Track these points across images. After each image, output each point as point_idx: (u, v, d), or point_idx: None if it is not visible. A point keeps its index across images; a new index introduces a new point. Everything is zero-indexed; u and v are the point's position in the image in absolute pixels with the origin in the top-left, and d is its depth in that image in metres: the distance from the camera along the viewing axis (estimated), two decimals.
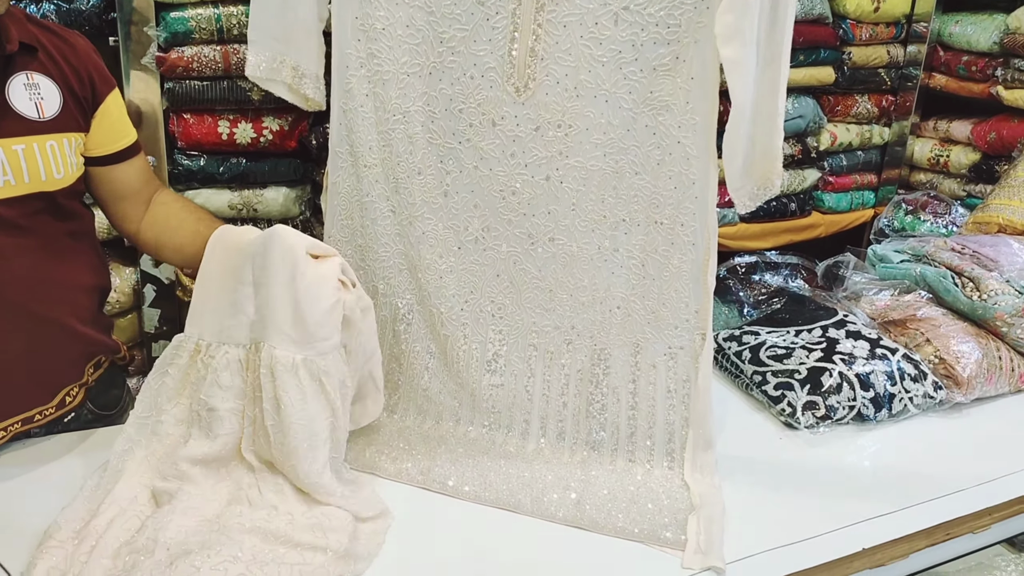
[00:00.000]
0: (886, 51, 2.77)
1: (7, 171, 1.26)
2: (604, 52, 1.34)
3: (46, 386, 1.42)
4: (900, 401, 1.62)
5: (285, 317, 1.27)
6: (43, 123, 1.30)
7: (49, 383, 1.43)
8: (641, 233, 1.43)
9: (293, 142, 2.17)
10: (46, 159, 1.30)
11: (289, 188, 2.22)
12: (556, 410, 1.49)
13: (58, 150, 1.32)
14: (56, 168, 1.32)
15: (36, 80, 1.31)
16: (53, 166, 1.31)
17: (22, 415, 1.39)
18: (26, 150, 1.28)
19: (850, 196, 2.84)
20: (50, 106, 1.32)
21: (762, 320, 1.90)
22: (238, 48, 2.07)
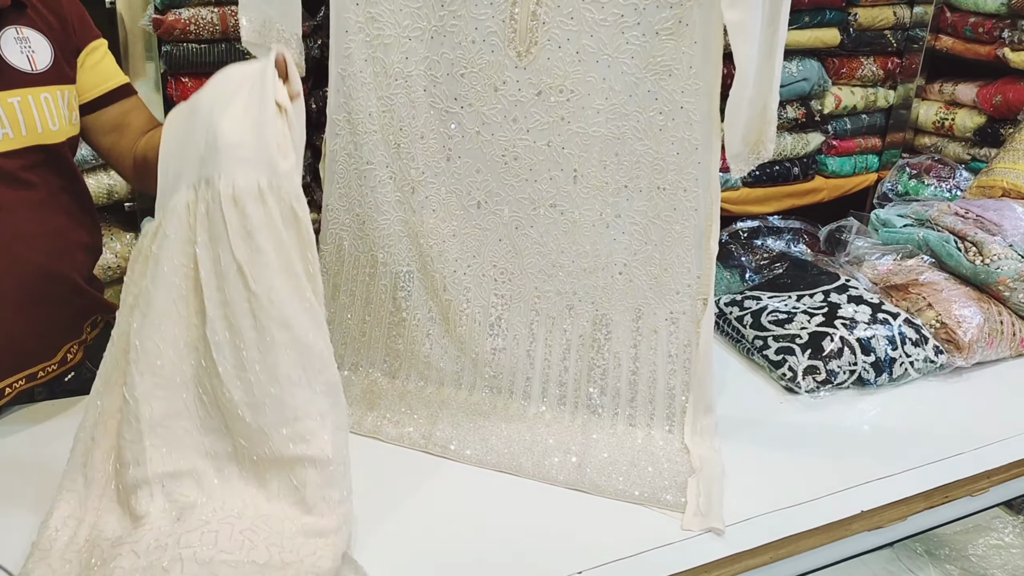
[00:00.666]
0: (892, 12, 2.74)
1: (5, 124, 1.27)
2: (606, 16, 1.33)
3: (49, 341, 1.44)
4: (901, 365, 1.63)
5: (243, 139, 1.10)
6: (36, 75, 1.31)
7: (52, 339, 1.44)
8: (643, 199, 1.43)
9: None
10: (41, 111, 1.31)
11: None
12: (557, 374, 1.49)
13: (52, 102, 1.33)
14: (52, 120, 1.33)
15: (26, 34, 1.32)
16: (49, 119, 1.32)
17: (26, 371, 1.40)
18: (22, 102, 1.29)
19: (854, 160, 2.82)
20: (42, 59, 1.32)
21: (764, 285, 1.90)
22: (235, 10, 2.05)
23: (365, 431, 1.42)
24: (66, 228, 1.41)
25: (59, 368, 1.45)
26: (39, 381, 1.43)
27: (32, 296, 1.36)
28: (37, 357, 1.42)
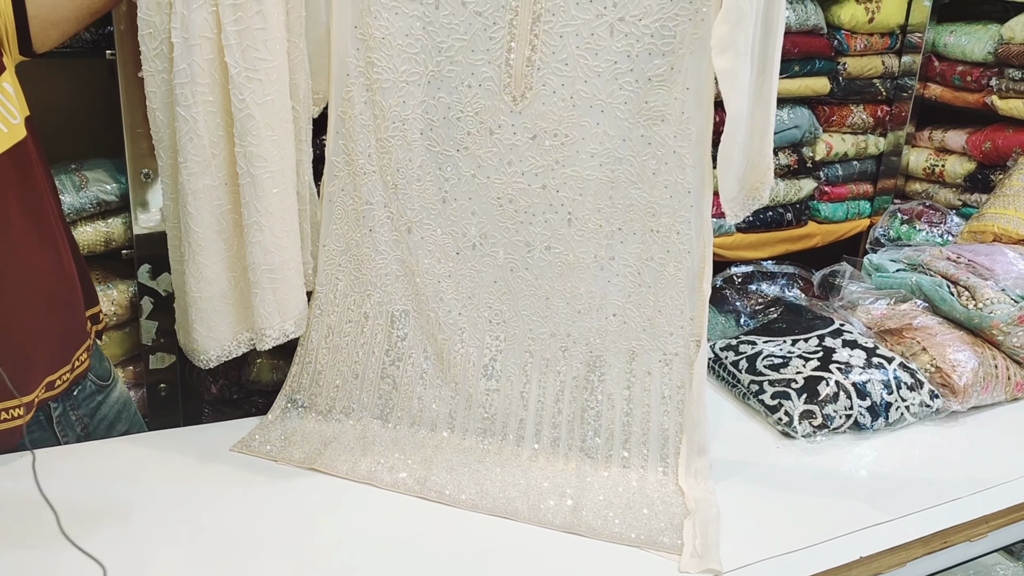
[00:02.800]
0: (881, 62, 2.78)
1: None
2: (600, 63, 1.35)
3: (65, 346, 1.43)
4: (897, 410, 1.63)
5: None
6: None
7: (66, 343, 1.43)
8: (637, 242, 1.44)
9: None
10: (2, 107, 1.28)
11: None
12: (551, 416, 1.49)
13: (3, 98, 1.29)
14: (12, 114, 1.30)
15: None
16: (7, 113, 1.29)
17: (47, 379, 1.38)
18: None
19: (846, 206, 2.85)
20: None
21: (759, 330, 1.91)
22: None
23: (360, 477, 1.41)
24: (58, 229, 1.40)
25: (72, 375, 1.44)
26: (56, 390, 1.41)
27: (50, 299, 1.36)
28: (55, 362, 1.40)
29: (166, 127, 1.38)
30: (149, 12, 1.30)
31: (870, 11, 2.68)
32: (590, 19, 1.33)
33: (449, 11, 1.37)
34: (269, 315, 1.46)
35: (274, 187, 1.39)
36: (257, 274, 1.42)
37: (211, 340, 1.49)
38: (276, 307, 1.46)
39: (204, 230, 1.41)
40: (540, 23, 1.35)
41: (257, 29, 1.30)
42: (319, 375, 1.55)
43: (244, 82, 1.32)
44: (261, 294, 1.44)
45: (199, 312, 1.46)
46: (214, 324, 1.48)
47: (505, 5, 1.35)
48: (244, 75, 1.31)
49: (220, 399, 2.28)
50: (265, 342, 1.48)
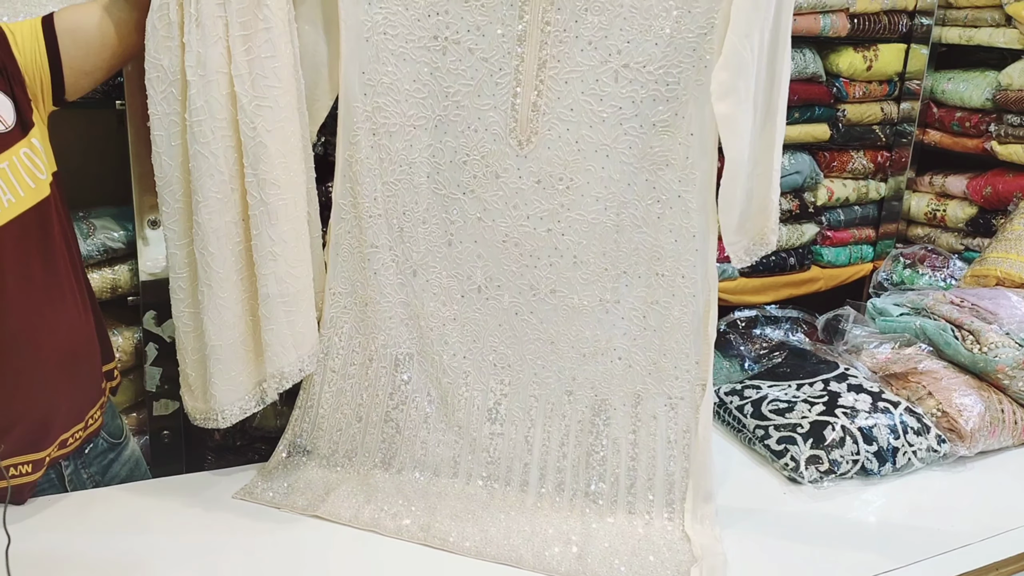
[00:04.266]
0: (880, 108, 2.81)
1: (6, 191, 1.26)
2: (605, 108, 1.37)
3: (79, 404, 1.42)
4: (904, 455, 1.62)
5: None
6: (9, 134, 1.28)
7: (81, 401, 1.42)
8: (642, 285, 1.44)
9: None
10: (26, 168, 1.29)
11: None
12: (556, 460, 1.48)
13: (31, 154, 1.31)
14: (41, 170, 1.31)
15: None
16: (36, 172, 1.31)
17: (60, 437, 1.37)
18: (10, 165, 1.28)
19: (848, 250, 2.86)
20: (7, 115, 1.30)
21: (763, 374, 1.90)
22: None
23: (363, 524, 1.40)
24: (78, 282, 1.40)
25: (85, 432, 1.43)
26: (68, 449, 1.40)
27: (67, 357, 1.36)
28: (69, 419, 1.39)
29: (176, 170, 1.38)
30: (158, 55, 1.31)
31: (868, 59, 2.71)
32: (595, 65, 1.35)
33: (456, 57, 1.39)
34: (285, 351, 1.42)
35: (287, 214, 1.38)
36: (271, 307, 1.40)
37: (232, 392, 1.44)
38: (292, 341, 1.43)
39: (227, 270, 1.39)
40: (546, 69, 1.37)
41: (266, 57, 1.32)
42: (322, 419, 1.54)
43: (255, 110, 1.32)
44: (276, 328, 1.41)
45: (219, 362, 1.41)
46: (235, 373, 1.43)
47: (511, 51, 1.37)
48: (255, 103, 1.32)
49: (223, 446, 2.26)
50: (285, 382, 1.44)
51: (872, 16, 2.69)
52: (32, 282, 1.31)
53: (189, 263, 1.42)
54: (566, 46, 1.36)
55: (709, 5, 1.30)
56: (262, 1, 1.29)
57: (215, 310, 1.39)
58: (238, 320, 1.42)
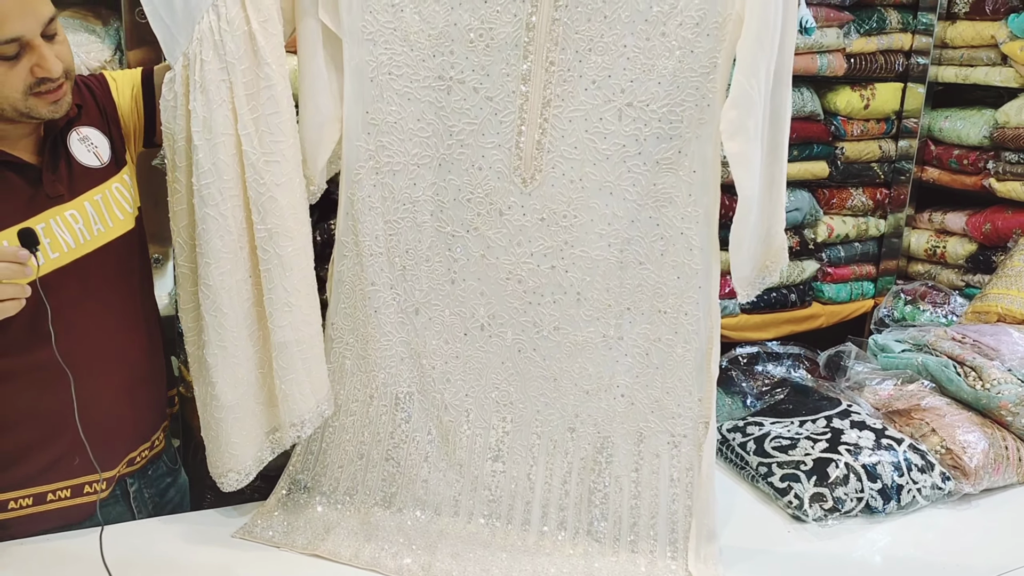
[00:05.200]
0: (878, 146, 2.83)
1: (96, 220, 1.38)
2: (608, 146, 1.38)
3: (145, 424, 1.50)
4: (909, 492, 1.61)
5: None
6: (105, 169, 1.41)
7: (147, 421, 1.51)
8: (645, 322, 1.44)
9: None
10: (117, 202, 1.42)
11: None
12: (558, 498, 1.47)
13: (123, 189, 1.44)
14: (127, 205, 1.43)
15: (85, 133, 1.41)
16: (124, 206, 1.43)
17: (127, 455, 1.45)
18: (103, 198, 1.39)
19: (849, 287, 2.86)
20: (104, 152, 1.42)
21: (766, 411, 1.89)
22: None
23: (363, 563, 1.39)
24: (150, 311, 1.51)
25: (150, 452, 1.51)
26: (136, 467, 1.48)
27: (137, 380, 1.45)
28: (137, 441, 1.47)
29: (180, 235, 1.41)
30: (168, 122, 1.35)
31: (865, 98, 2.74)
32: (599, 104, 1.37)
33: (461, 96, 1.40)
34: (304, 398, 1.44)
35: (300, 263, 1.41)
36: (289, 356, 1.41)
37: (249, 447, 1.45)
38: (311, 388, 1.44)
39: (238, 329, 1.40)
40: (550, 108, 1.38)
41: (271, 114, 1.34)
42: (323, 455, 1.53)
43: (264, 166, 1.35)
44: (295, 377, 1.42)
45: (236, 420, 1.42)
46: (249, 428, 1.44)
47: (515, 90, 1.39)
48: (263, 160, 1.34)
49: None
50: (306, 428, 1.45)
51: (868, 56, 2.72)
52: (111, 307, 1.41)
53: (196, 329, 1.43)
54: (570, 85, 1.37)
55: (711, 45, 1.31)
56: (263, 60, 1.33)
57: (229, 368, 1.40)
58: (250, 375, 1.44)
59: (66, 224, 1.34)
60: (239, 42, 1.32)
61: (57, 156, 1.36)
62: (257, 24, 1.32)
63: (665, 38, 1.33)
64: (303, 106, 1.43)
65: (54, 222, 1.32)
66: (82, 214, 1.36)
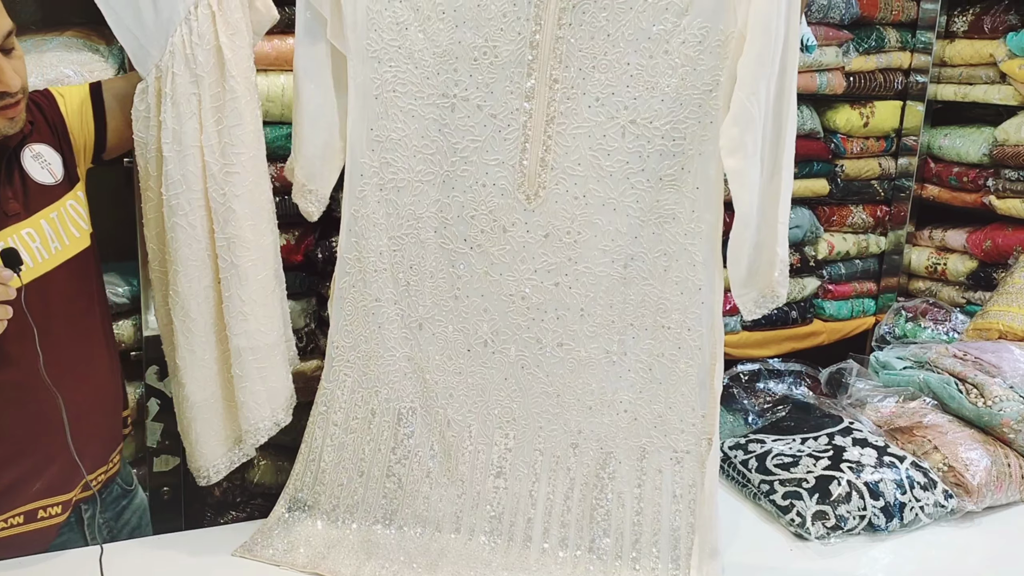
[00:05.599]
0: (878, 163, 2.84)
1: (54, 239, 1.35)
2: (612, 163, 1.38)
3: (109, 442, 1.48)
4: (911, 510, 1.60)
5: None
6: (60, 186, 1.39)
7: (110, 439, 1.48)
8: (648, 338, 1.44)
9: (299, 256, 2.19)
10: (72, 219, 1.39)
11: (295, 301, 2.23)
12: (560, 515, 1.46)
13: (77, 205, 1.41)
14: (84, 221, 1.41)
15: (38, 150, 1.38)
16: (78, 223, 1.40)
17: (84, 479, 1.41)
18: (58, 216, 1.37)
19: (850, 304, 2.86)
20: (57, 169, 1.40)
21: (767, 428, 1.89)
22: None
23: None
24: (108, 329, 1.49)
25: (107, 475, 1.48)
26: (90, 492, 1.44)
27: (99, 401, 1.43)
28: (94, 464, 1.44)
29: (152, 242, 1.46)
30: (140, 132, 1.39)
31: (864, 116, 2.75)
32: (602, 121, 1.37)
33: (465, 113, 1.41)
34: (259, 406, 1.48)
35: (257, 273, 1.44)
36: (244, 364, 1.45)
37: (219, 446, 1.50)
38: (266, 396, 1.48)
39: (206, 333, 1.45)
40: (553, 125, 1.39)
41: (233, 126, 1.38)
42: (323, 473, 1.52)
43: (224, 177, 1.39)
44: (250, 386, 1.46)
45: (204, 422, 1.48)
46: (218, 428, 1.50)
47: (519, 108, 1.39)
48: (223, 171, 1.39)
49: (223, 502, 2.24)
50: (260, 436, 1.49)
51: (868, 74, 2.74)
52: (75, 326, 1.40)
53: (168, 333, 1.49)
54: (573, 102, 1.38)
55: (713, 63, 1.32)
56: (228, 73, 1.36)
57: (197, 370, 1.46)
58: (217, 377, 1.48)
59: (23, 243, 1.32)
60: (208, 55, 1.36)
61: (11, 173, 1.35)
62: (226, 38, 1.35)
63: (668, 56, 1.34)
64: (312, 125, 1.45)
65: (12, 241, 1.31)
66: (39, 232, 1.35)
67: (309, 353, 2.23)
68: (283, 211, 2.12)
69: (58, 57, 1.82)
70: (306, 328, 2.24)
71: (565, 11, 1.35)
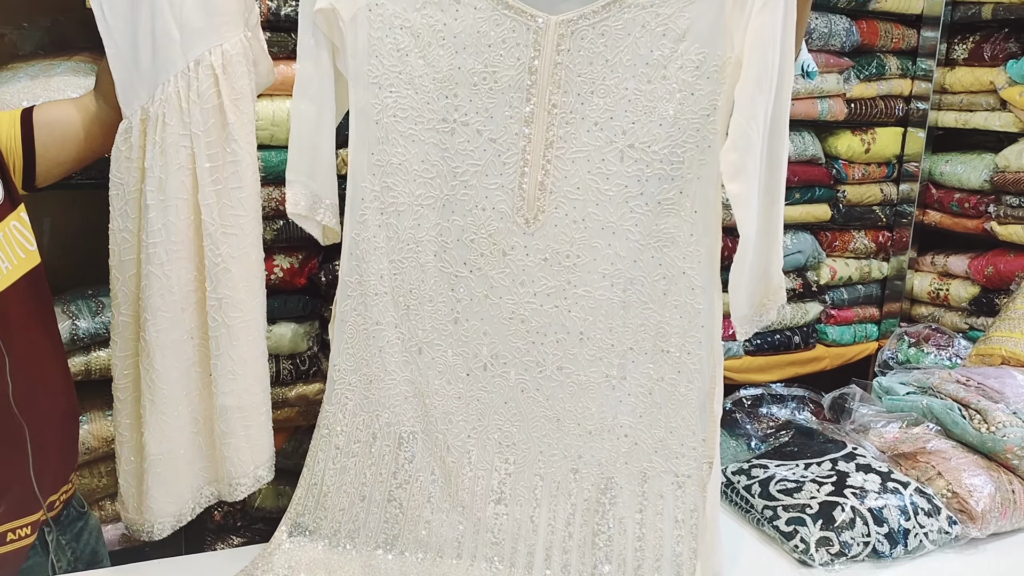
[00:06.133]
0: (879, 189, 2.85)
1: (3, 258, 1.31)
2: (611, 187, 1.39)
3: (68, 461, 1.45)
4: (915, 537, 1.59)
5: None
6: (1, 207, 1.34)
7: (67, 461, 1.45)
8: (648, 362, 1.44)
9: (303, 279, 2.20)
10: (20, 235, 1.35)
11: (298, 324, 2.24)
12: (561, 540, 1.46)
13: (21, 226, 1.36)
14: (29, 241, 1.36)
15: None
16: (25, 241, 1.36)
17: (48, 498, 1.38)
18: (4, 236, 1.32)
19: (853, 329, 2.86)
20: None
21: (770, 453, 1.88)
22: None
23: None
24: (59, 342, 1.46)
25: (66, 496, 1.45)
26: (54, 511, 1.41)
27: (61, 418, 1.40)
28: (57, 483, 1.42)
29: (125, 284, 1.43)
30: (119, 173, 1.38)
31: (866, 142, 2.77)
32: (601, 145, 1.38)
33: (464, 138, 1.42)
34: (243, 462, 1.48)
35: (248, 335, 1.44)
36: (230, 422, 1.45)
37: (169, 504, 1.48)
38: (249, 453, 1.48)
39: (171, 386, 1.43)
40: (552, 149, 1.40)
41: (233, 188, 1.40)
42: (325, 497, 1.52)
43: (222, 237, 1.39)
44: (234, 442, 1.46)
45: (157, 476, 1.45)
46: (173, 485, 1.48)
47: (519, 132, 1.40)
48: (221, 231, 1.40)
49: (223, 527, 2.23)
50: (237, 492, 1.48)
51: (868, 101, 2.76)
52: (35, 344, 1.37)
53: (133, 376, 1.46)
54: (572, 127, 1.39)
55: (711, 88, 1.33)
56: (231, 136, 1.37)
57: (157, 424, 1.44)
58: (179, 432, 1.46)
59: None
60: (208, 115, 1.35)
61: None
62: (230, 102, 1.36)
63: (666, 81, 1.35)
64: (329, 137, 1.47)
65: None
66: None
67: (312, 376, 2.24)
68: (287, 235, 2.15)
69: (65, 81, 1.84)
70: (309, 351, 2.25)
71: (564, 37, 1.37)
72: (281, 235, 2.16)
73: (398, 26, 1.40)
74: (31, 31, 2.22)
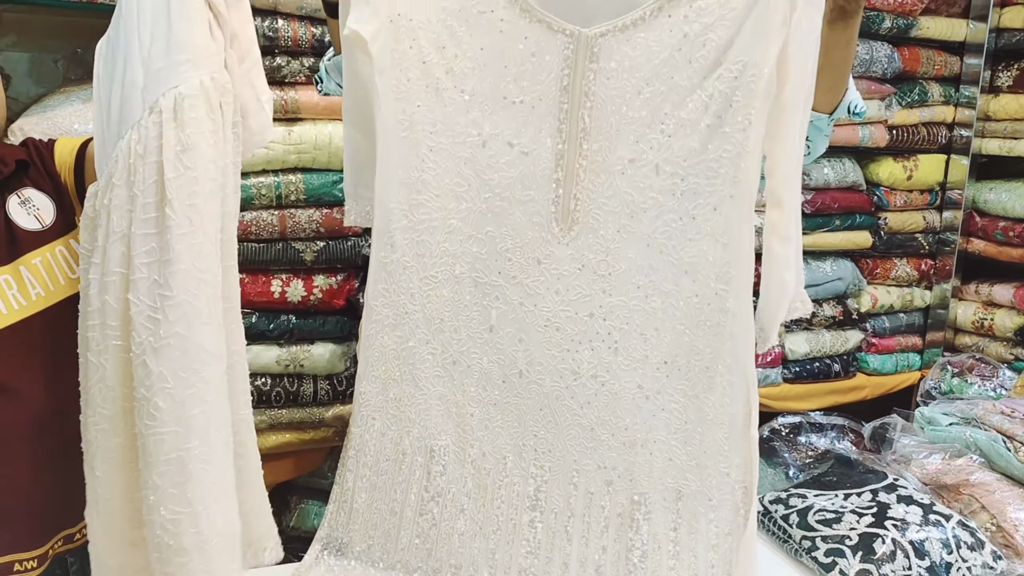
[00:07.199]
0: (922, 217, 2.82)
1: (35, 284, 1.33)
2: (645, 199, 1.38)
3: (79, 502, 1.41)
4: (958, 571, 1.55)
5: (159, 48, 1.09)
6: (46, 232, 1.36)
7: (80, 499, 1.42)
8: (682, 378, 1.43)
9: (341, 300, 2.23)
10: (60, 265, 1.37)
11: (336, 344, 2.26)
12: (595, 554, 1.43)
13: (66, 253, 1.38)
14: (74, 270, 1.38)
15: (27, 195, 1.37)
16: (68, 269, 1.38)
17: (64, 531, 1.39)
18: (43, 261, 1.35)
19: (895, 358, 2.82)
20: (47, 214, 1.37)
21: (809, 483, 1.85)
22: (294, 212, 2.17)
23: None
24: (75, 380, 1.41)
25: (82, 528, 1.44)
26: (75, 544, 1.41)
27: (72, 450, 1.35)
28: (72, 518, 1.40)
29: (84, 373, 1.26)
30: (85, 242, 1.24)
31: (908, 169, 2.74)
32: (635, 158, 1.38)
33: (496, 151, 1.41)
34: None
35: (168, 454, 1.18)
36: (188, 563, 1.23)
37: None
38: None
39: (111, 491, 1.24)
40: (586, 160, 1.39)
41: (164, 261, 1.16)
42: (356, 513, 1.52)
43: (145, 322, 1.16)
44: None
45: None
46: None
47: (551, 145, 1.40)
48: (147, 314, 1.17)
49: None
50: None
51: (911, 128, 2.73)
52: (55, 374, 1.36)
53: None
54: (607, 140, 1.38)
55: (746, 101, 1.32)
56: (165, 197, 1.14)
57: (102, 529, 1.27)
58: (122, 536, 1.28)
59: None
60: (149, 172, 1.13)
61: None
62: (172, 154, 1.13)
63: (703, 92, 1.34)
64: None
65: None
66: (16, 279, 1.30)
67: (348, 397, 2.25)
68: (326, 256, 2.18)
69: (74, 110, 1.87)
70: (346, 371, 2.26)
71: (597, 50, 1.36)
72: (321, 256, 2.20)
73: (423, 37, 1.39)
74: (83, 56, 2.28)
